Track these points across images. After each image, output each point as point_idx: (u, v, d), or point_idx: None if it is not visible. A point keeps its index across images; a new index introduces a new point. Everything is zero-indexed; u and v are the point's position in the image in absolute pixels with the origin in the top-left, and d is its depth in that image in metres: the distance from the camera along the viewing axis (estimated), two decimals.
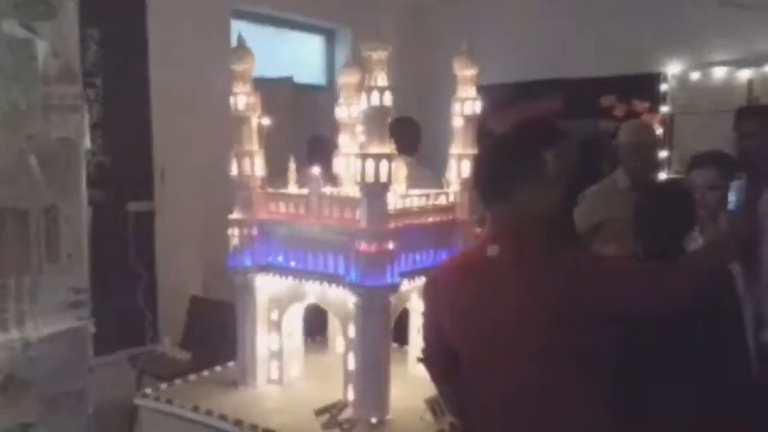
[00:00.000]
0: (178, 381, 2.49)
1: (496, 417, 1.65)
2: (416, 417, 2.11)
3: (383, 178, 2.03)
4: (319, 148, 2.65)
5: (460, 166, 2.41)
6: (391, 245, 2.07)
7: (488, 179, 1.70)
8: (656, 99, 4.10)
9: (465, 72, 2.39)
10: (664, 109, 4.10)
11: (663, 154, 4.07)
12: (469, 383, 1.71)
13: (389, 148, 2.05)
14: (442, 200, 2.40)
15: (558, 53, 4.31)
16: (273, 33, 4.78)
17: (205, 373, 2.56)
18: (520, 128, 1.85)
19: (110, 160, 3.75)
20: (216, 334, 2.43)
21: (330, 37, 5.22)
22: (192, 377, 2.52)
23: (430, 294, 1.79)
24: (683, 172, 3.75)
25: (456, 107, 2.40)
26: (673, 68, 4.06)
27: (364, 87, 2.03)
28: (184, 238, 3.96)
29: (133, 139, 3.86)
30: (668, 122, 4.08)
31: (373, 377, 2.14)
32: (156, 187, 3.96)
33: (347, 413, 2.07)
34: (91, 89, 3.65)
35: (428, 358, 1.84)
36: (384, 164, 2.03)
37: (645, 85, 4.08)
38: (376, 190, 2.05)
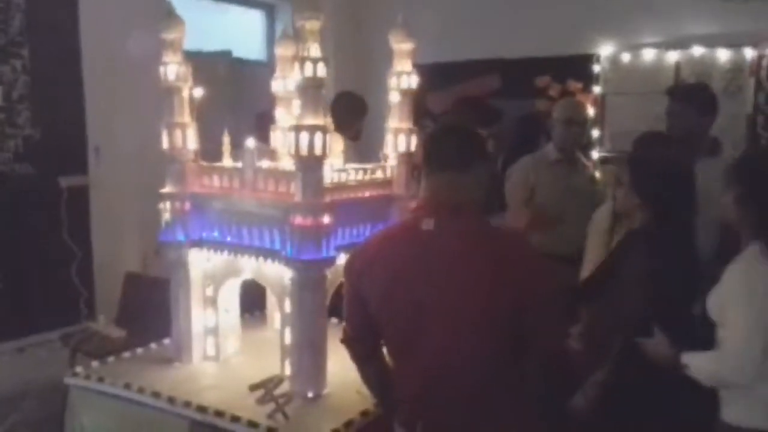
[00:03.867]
0: (111, 359, 2.43)
1: (419, 391, 1.68)
2: (353, 391, 2.11)
3: (318, 151, 2.02)
4: (264, 124, 2.62)
5: (396, 141, 2.42)
6: (326, 219, 2.06)
7: (452, 149, 1.71)
8: (589, 79, 4.18)
9: (401, 46, 2.39)
10: (597, 89, 4.18)
11: (595, 133, 4.17)
12: (393, 359, 1.73)
13: (324, 119, 2.04)
14: (378, 174, 2.41)
15: (495, 33, 4.34)
16: (211, 7, 4.66)
17: (140, 350, 2.52)
18: (467, 108, 1.91)
19: (39, 134, 3.61)
20: (152, 311, 2.38)
21: (270, 11, 5.12)
22: (126, 355, 2.47)
23: (354, 270, 1.77)
24: (617, 150, 3.89)
25: (392, 81, 2.40)
26: (605, 50, 4.15)
27: (297, 58, 2.01)
28: (121, 213, 3.85)
29: (65, 112, 3.71)
30: (600, 102, 4.17)
31: (309, 352, 2.14)
32: (90, 161, 3.83)
33: (283, 388, 2.07)
34: (17, 60, 3.50)
35: (350, 339, 1.84)
36: (319, 136, 2.01)
37: (579, 66, 4.15)
38: (310, 163, 2.03)
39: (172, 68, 2.26)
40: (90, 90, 3.77)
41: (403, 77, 2.39)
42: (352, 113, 3.50)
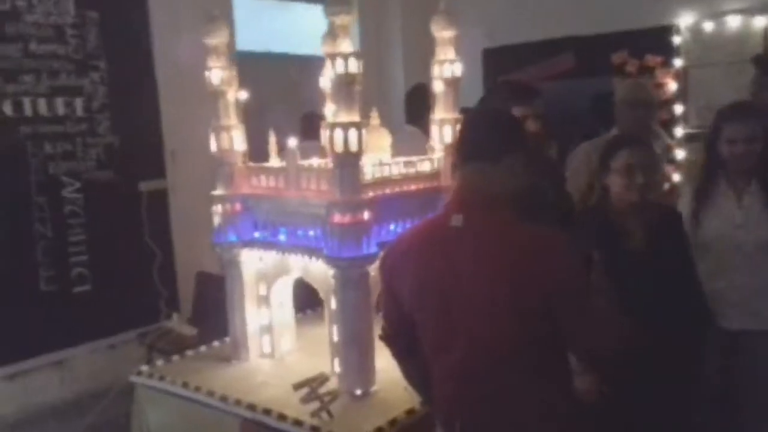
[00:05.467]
0: (175, 357, 2.53)
1: (453, 389, 1.62)
2: (401, 388, 2.07)
3: (353, 147, 1.99)
4: (310, 124, 2.63)
5: (442, 132, 2.36)
6: (366, 215, 2.04)
7: (482, 138, 1.64)
8: (669, 52, 3.90)
9: (443, 33, 2.32)
10: (678, 62, 3.90)
11: (678, 108, 3.90)
12: (429, 357, 1.68)
13: (358, 116, 2.00)
14: (425, 167, 2.35)
15: (566, 10, 4.14)
16: (276, 6, 4.73)
17: (203, 348, 2.60)
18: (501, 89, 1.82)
19: (119, 141, 3.79)
20: (221, 309, 2.46)
21: None
22: (189, 353, 2.56)
23: (386, 267, 1.74)
24: (705, 126, 3.61)
25: (435, 70, 2.34)
26: (685, 19, 3.86)
27: (328, 54, 1.98)
28: (198, 214, 3.96)
29: (142, 119, 3.88)
30: (682, 76, 3.88)
31: (355, 349, 2.13)
32: (167, 165, 4.00)
33: (328, 386, 2.07)
34: (95, 72, 3.69)
35: (388, 336, 1.80)
36: (353, 133, 1.99)
37: (657, 39, 3.88)
38: (346, 160, 2.01)
39: (217, 73, 2.30)
40: (164, 97, 3.92)
41: (446, 66, 2.32)
42: (426, 105, 3.44)
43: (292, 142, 2.21)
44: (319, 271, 2.19)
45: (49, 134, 3.51)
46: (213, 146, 2.33)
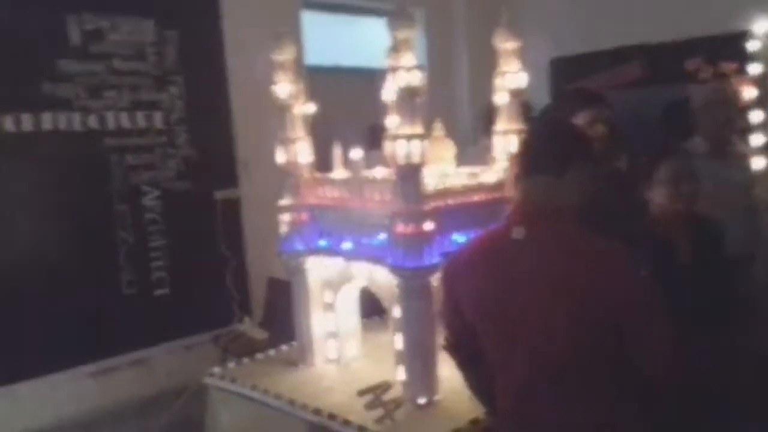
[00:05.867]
0: (246, 360, 2.63)
1: (514, 405, 1.63)
2: (466, 398, 2.09)
3: (415, 159, 2.03)
4: (375, 136, 2.69)
5: (505, 143, 2.37)
6: (428, 226, 2.07)
7: (547, 150, 1.65)
8: (744, 59, 3.76)
9: (506, 45, 2.33)
10: (755, 68, 3.76)
11: (757, 116, 3.74)
12: (493, 368, 1.69)
13: (420, 127, 2.04)
14: (488, 178, 2.37)
15: (636, 18, 4.06)
16: (345, 21, 4.84)
17: (272, 352, 2.70)
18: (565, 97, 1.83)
19: (196, 153, 3.97)
20: (290, 313, 2.56)
21: None
22: (259, 356, 2.66)
23: (447, 277, 1.77)
24: None
25: (498, 82, 2.35)
26: (762, 25, 3.71)
27: (390, 68, 2.03)
28: (269, 222, 4.11)
29: (216, 131, 4.05)
30: (762, 82, 3.73)
31: (419, 358, 2.16)
32: (240, 175, 4.15)
33: (392, 394, 2.11)
34: (174, 87, 3.88)
35: (451, 346, 1.82)
36: (416, 144, 2.03)
37: (731, 45, 3.74)
38: (409, 171, 2.05)
39: (284, 87, 2.39)
40: (237, 110, 4.08)
41: (509, 77, 2.34)
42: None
43: (356, 153, 2.27)
44: (383, 280, 2.23)
45: (131, 146, 3.72)
46: (280, 158, 2.42)
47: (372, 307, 2.77)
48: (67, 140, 3.50)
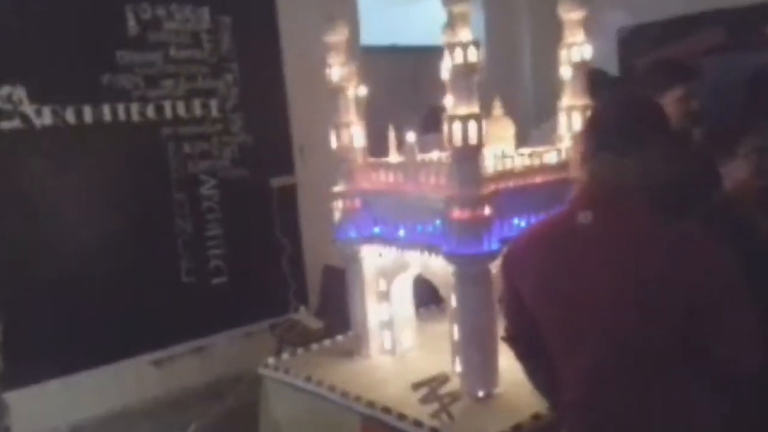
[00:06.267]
0: (300, 350, 2.58)
1: (583, 395, 1.51)
2: (528, 391, 1.97)
3: (472, 140, 1.92)
4: (433, 119, 2.58)
5: (570, 120, 2.22)
6: (486, 211, 1.95)
7: (615, 125, 1.50)
8: None
9: (571, 15, 2.18)
10: None
11: None
12: (555, 360, 1.57)
13: (477, 107, 1.92)
14: (551, 158, 2.23)
15: None
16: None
17: (327, 342, 2.63)
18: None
19: (251, 139, 3.94)
20: (345, 302, 2.49)
21: None
22: (314, 346, 2.60)
23: (507, 266, 1.66)
24: None
25: (563, 54, 2.20)
26: None
27: (446, 44, 1.91)
28: (325, 209, 4.07)
29: (272, 118, 4.01)
30: None
31: (477, 349, 2.05)
32: (296, 162, 4.11)
33: (449, 386, 2.01)
34: (229, 74, 3.85)
35: (511, 336, 1.71)
36: (473, 125, 1.91)
37: None
38: (466, 153, 1.94)
39: (336, 70, 2.30)
40: (292, 95, 4.03)
41: (574, 49, 2.18)
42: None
43: (411, 136, 2.17)
44: (439, 268, 2.13)
45: (188, 135, 3.72)
46: (333, 143, 2.34)
47: (428, 296, 2.67)
48: (126, 131, 3.53)
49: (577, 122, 2.19)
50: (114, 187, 3.49)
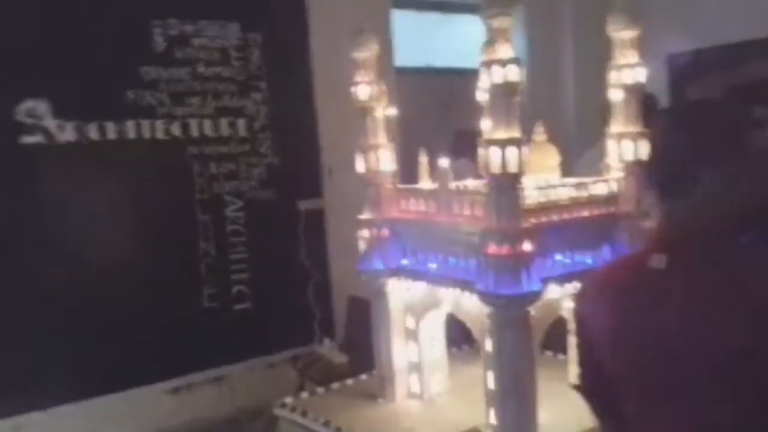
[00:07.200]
0: (320, 389, 2.40)
1: None
2: None
3: (512, 168, 1.72)
4: (463, 142, 2.40)
5: (620, 148, 2.01)
6: (526, 246, 1.75)
7: (690, 152, 1.27)
8: None
9: (622, 34, 1.98)
10: None
11: None
12: (634, 419, 1.35)
13: (518, 131, 1.73)
14: (600, 190, 2.02)
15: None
16: (440, 19, 4.56)
17: (349, 381, 2.44)
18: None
19: (280, 161, 3.80)
20: (371, 336, 2.31)
21: None
22: (336, 385, 2.42)
23: (579, 312, 1.47)
24: None
25: (613, 76, 2.00)
26: None
27: (484, 62, 1.73)
28: (353, 235, 3.91)
29: (301, 139, 3.87)
30: None
31: (514, 399, 1.84)
32: (325, 185, 3.95)
33: None
34: (257, 93, 3.73)
35: (584, 391, 1.50)
36: (512, 151, 1.72)
37: None
38: (504, 182, 1.74)
39: (364, 88, 2.14)
40: (322, 115, 3.88)
41: (626, 71, 1.98)
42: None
43: (444, 162, 1.99)
44: (472, 307, 1.93)
45: (214, 154, 3.59)
46: (359, 166, 2.17)
47: (463, 334, 2.47)
48: (151, 148, 3.42)
49: (629, 151, 1.98)
50: (136, 207, 3.38)
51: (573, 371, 2.11)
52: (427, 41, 4.52)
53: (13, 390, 2.98)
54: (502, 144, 1.71)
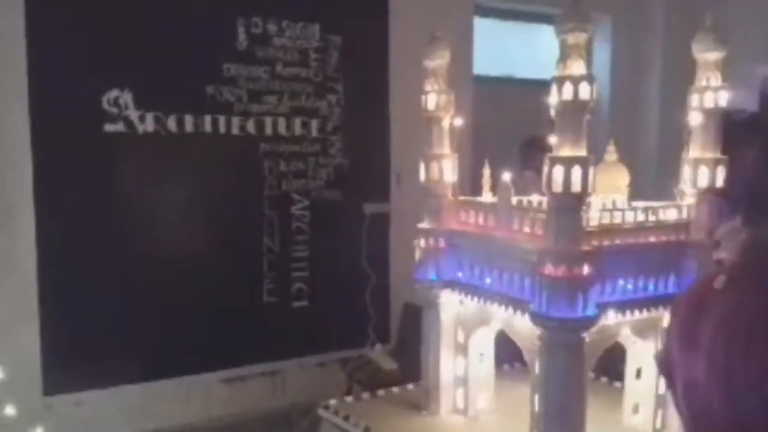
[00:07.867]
0: (365, 395, 2.39)
1: None
2: None
3: (575, 188, 1.66)
4: (532, 150, 2.33)
5: (696, 174, 1.91)
6: (585, 269, 1.69)
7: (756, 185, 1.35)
8: None
9: (707, 55, 1.88)
10: None
11: None
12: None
13: (584, 150, 1.67)
14: (670, 215, 1.92)
15: None
16: (523, 29, 4.49)
17: (395, 389, 2.42)
18: None
19: (349, 163, 3.84)
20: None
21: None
22: (381, 392, 2.40)
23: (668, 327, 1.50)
24: None
25: (694, 99, 1.90)
26: None
27: (554, 78, 1.68)
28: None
29: (372, 143, 3.90)
30: None
31: (559, 425, 1.78)
32: (392, 190, 3.95)
33: None
34: (333, 95, 3.77)
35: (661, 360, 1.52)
36: (577, 170, 1.65)
37: None
38: (566, 202, 1.68)
39: (432, 97, 2.12)
40: (395, 120, 3.89)
41: (708, 94, 1.88)
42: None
43: (506, 175, 1.94)
44: (524, 327, 1.87)
45: (285, 153, 3.66)
46: (422, 175, 2.15)
47: (514, 352, 2.41)
48: (224, 143, 3.51)
49: (704, 177, 1.88)
50: (207, 199, 3.48)
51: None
52: (508, 51, 4.46)
53: (79, 368, 3.11)
54: (567, 163, 1.65)
